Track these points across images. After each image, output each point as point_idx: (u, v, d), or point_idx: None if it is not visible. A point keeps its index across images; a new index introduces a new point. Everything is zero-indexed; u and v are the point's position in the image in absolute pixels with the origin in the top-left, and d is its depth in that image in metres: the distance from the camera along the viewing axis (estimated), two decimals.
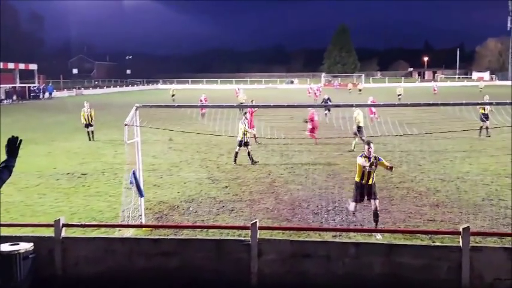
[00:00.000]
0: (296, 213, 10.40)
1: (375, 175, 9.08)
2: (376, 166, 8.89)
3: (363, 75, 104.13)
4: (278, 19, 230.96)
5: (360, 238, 8.26)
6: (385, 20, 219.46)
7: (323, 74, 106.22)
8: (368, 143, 9.08)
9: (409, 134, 16.02)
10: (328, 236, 8.45)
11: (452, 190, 11.71)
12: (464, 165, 14.37)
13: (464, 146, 17.13)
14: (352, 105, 12.25)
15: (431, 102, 10.10)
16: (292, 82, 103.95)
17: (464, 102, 11.48)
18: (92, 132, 22.22)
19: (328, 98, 36.18)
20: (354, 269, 6.42)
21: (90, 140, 21.81)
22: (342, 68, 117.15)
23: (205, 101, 30.71)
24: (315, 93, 47.74)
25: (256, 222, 6.62)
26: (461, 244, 6.23)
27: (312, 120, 19.48)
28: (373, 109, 21.57)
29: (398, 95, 45.17)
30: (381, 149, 17.06)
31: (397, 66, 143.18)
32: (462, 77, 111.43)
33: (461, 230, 6.25)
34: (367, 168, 8.82)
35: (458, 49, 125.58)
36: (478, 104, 12.99)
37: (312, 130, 19.40)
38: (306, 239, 7.72)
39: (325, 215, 10.13)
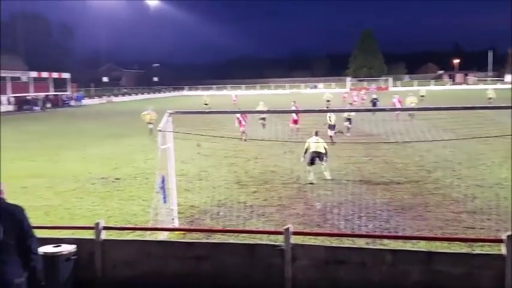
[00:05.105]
0: (327, 218, 10.26)
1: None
2: None
3: (391, 78, 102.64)
4: (300, 25, 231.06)
5: (394, 245, 8.06)
6: (412, 23, 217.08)
7: (349, 78, 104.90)
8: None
9: (446, 140, 15.56)
10: (361, 243, 8.29)
11: (491, 197, 11.32)
12: (502, 170, 13.90)
13: (501, 151, 16.59)
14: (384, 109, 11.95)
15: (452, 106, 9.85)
16: (315, 87, 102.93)
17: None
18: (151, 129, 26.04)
19: (376, 98, 36.05)
20: (390, 277, 6.24)
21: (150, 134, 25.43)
22: (368, 72, 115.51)
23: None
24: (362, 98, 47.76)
25: (289, 227, 6.53)
26: (504, 252, 5.96)
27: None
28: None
29: (489, 98, 41.95)
30: (413, 154, 16.75)
31: (425, 69, 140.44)
32: (494, 80, 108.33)
33: (504, 237, 5.98)
34: None
35: (490, 51, 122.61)
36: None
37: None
38: (340, 245, 7.58)
39: (358, 221, 9.95)
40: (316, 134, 14.51)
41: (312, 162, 13.83)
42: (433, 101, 43.45)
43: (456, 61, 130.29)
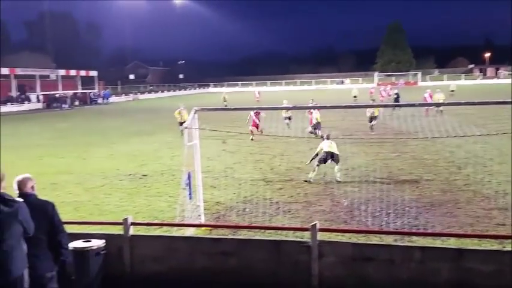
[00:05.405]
0: (354, 215, 10.15)
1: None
2: None
3: (419, 73, 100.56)
4: (326, 20, 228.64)
5: (423, 242, 7.92)
6: (441, 16, 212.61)
7: (376, 73, 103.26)
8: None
9: (477, 135, 15.13)
10: (389, 240, 8.18)
11: None
12: None
13: None
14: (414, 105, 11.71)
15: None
16: (342, 82, 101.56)
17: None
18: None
19: (397, 93, 35.67)
20: (419, 275, 6.13)
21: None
22: (396, 67, 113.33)
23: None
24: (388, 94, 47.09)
25: (316, 223, 6.48)
26: None
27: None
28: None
29: None
30: (443, 150, 16.40)
31: (455, 63, 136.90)
32: None
33: None
34: None
35: None
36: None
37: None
38: (368, 242, 7.49)
39: (386, 218, 9.82)
40: (328, 137, 14.13)
41: (322, 161, 13.34)
42: (463, 96, 42.53)
43: (487, 55, 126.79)
